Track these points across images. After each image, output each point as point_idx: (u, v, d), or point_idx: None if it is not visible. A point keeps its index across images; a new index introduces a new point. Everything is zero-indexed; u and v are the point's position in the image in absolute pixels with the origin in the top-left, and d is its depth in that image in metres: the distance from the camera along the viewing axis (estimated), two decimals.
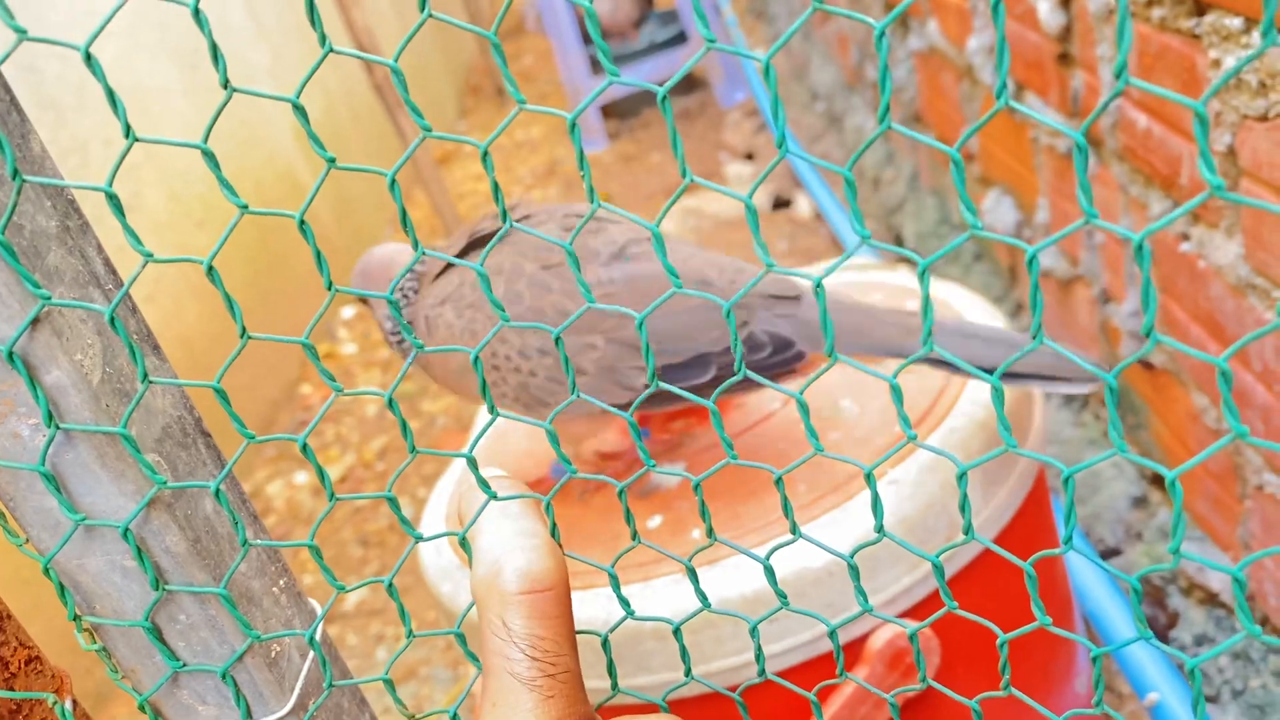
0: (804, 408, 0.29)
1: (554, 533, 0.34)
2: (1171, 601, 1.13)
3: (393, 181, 0.28)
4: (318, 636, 0.38)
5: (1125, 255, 1.12)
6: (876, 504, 0.30)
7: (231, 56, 2.57)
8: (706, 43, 0.24)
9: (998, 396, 0.26)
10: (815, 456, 0.70)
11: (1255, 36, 0.75)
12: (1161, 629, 1.14)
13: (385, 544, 1.96)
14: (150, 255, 0.29)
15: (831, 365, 0.28)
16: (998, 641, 0.35)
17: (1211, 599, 1.06)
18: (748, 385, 0.71)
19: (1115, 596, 1.10)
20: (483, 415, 1.14)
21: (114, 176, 0.29)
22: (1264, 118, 0.76)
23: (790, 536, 0.43)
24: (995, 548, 0.31)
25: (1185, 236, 0.94)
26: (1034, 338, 0.25)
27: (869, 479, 0.30)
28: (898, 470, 0.70)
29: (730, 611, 0.36)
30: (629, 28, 3.61)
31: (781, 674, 0.69)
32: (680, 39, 3.44)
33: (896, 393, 0.27)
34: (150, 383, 0.33)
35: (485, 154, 0.28)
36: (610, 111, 3.61)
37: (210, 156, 0.29)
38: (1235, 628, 1.02)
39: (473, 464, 0.33)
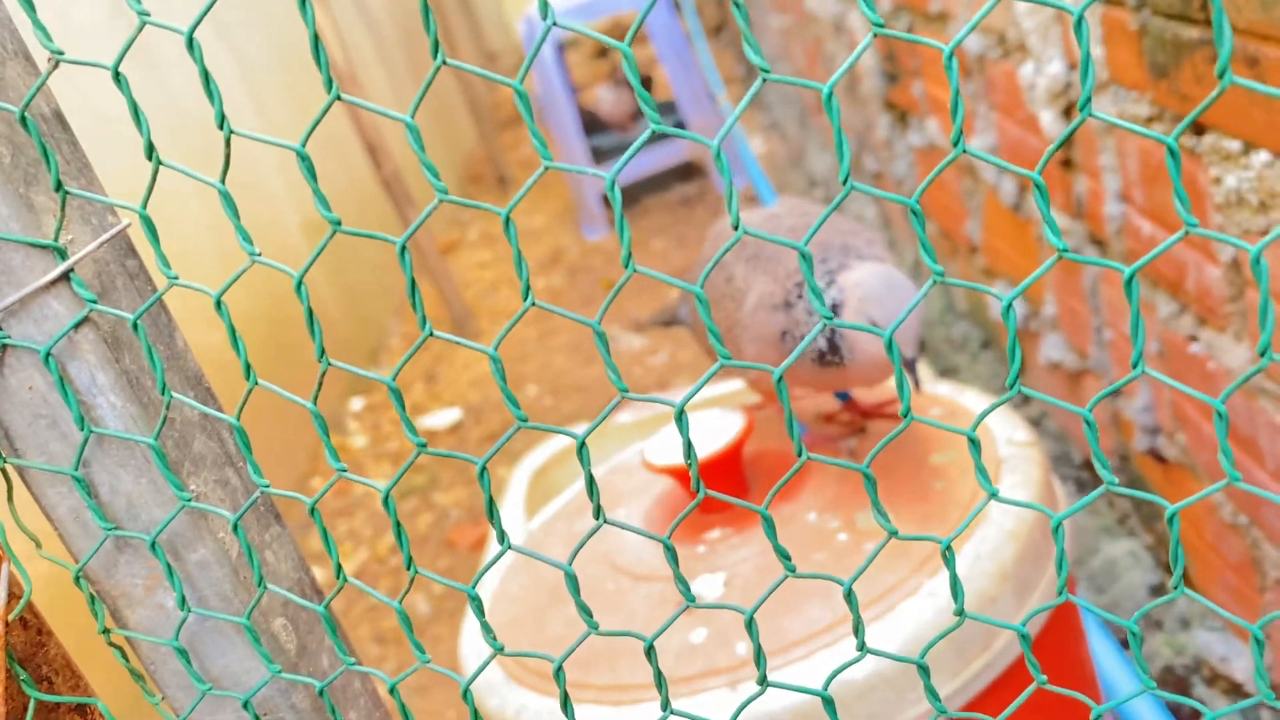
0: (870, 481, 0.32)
1: None
2: (1196, 692, 1.14)
3: (402, 250, 0.31)
4: None
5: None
6: (955, 584, 0.33)
7: (238, 155, 2.64)
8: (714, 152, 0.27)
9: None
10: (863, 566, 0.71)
11: (1254, 157, 0.80)
12: None
13: (401, 641, 1.96)
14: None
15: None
16: None
17: (1235, 689, 1.08)
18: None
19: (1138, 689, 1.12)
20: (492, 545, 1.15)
21: (241, 409, 0.32)
22: (1264, 234, 0.80)
23: (857, 654, 0.46)
24: (1033, 655, 0.33)
25: (1194, 339, 0.98)
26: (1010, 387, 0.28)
27: (947, 555, 0.33)
28: (934, 581, 0.73)
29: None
30: (627, 120, 3.71)
31: None
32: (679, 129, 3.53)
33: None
34: (265, 589, 0.35)
35: (508, 221, 0.31)
36: (610, 200, 3.69)
37: (227, 198, 0.32)
38: (1259, 719, 1.04)
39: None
